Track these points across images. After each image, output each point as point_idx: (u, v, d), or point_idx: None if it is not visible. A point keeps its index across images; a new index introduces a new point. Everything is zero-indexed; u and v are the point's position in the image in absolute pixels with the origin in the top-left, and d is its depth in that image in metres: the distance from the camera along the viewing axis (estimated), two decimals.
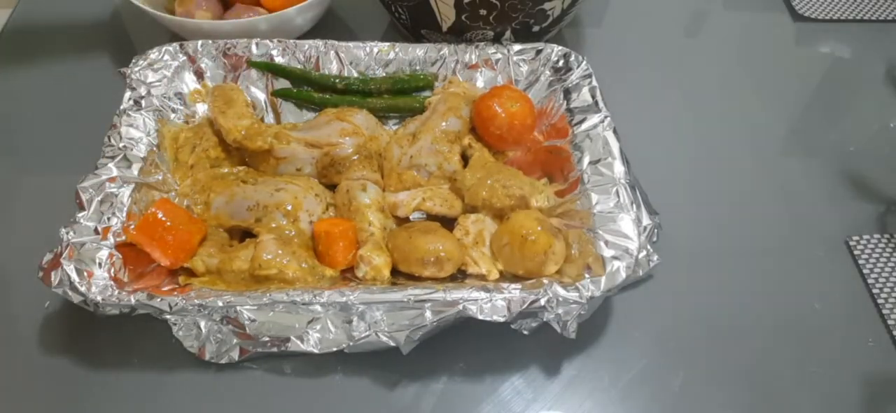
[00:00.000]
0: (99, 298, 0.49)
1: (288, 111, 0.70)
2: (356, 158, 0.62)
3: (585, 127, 0.62)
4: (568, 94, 0.66)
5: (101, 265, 0.51)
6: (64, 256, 0.50)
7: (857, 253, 0.62)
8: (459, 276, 0.57)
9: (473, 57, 0.71)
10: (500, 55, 0.71)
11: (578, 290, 0.50)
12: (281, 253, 0.54)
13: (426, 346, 0.51)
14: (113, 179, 0.56)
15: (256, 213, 0.58)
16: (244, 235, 0.59)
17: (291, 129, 0.65)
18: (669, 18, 0.88)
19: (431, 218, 0.61)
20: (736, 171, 0.70)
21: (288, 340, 0.51)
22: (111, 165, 0.57)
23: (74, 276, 0.49)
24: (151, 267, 0.55)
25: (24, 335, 0.54)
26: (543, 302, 0.50)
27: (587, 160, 0.59)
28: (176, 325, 0.51)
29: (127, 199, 0.56)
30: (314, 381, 0.53)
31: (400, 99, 0.70)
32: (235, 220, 0.58)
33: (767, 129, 0.75)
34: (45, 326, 0.55)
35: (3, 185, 0.65)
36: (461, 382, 0.53)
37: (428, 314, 0.50)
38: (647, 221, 0.58)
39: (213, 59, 0.69)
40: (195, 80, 0.68)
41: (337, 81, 0.70)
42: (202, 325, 0.51)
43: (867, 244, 0.63)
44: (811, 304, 0.59)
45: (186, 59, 0.68)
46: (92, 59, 0.77)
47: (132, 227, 0.54)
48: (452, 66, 0.71)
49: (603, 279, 0.51)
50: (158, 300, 0.49)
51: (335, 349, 0.51)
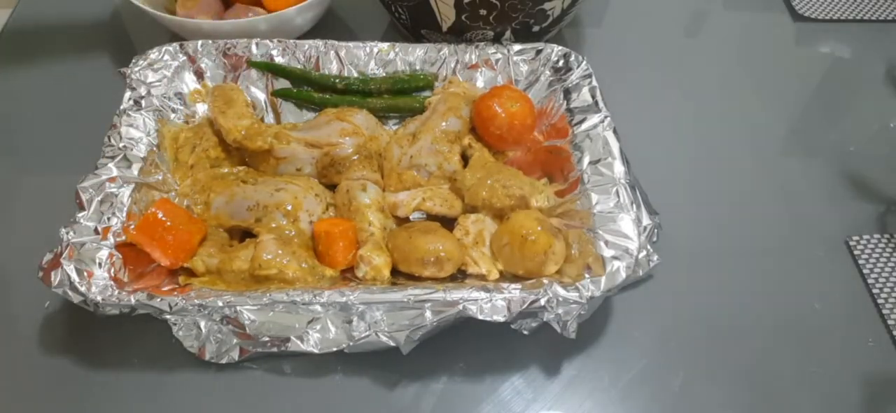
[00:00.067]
0: (99, 298, 0.49)
1: (288, 111, 0.70)
2: (356, 158, 0.62)
3: (585, 127, 0.62)
4: (568, 94, 0.66)
5: (101, 265, 0.51)
6: (64, 256, 0.50)
7: (857, 253, 0.62)
8: (459, 276, 0.57)
9: (473, 57, 0.71)
10: (500, 55, 0.71)
11: (578, 290, 0.50)
12: (281, 253, 0.54)
13: (426, 346, 0.51)
14: (113, 179, 0.56)
15: (256, 213, 0.58)
16: (244, 235, 0.59)
17: (291, 129, 0.65)
18: (669, 18, 0.88)
19: (431, 218, 0.61)
20: (736, 171, 0.70)
21: (288, 340, 0.51)
22: (111, 165, 0.57)
23: (74, 276, 0.49)
24: (151, 267, 0.55)
25: (24, 335, 0.54)
26: (543, 302, 0.50)
27: (587, 160, 0.59)
28: (176, 325, 0.51)
29: (127, 199, 0.56)
30: (314, 381, 0.53)
31: (400, 99, 0.70)
32: (235, 220, 0.58)
33: (767, 129, 0.75)
34: (45, 326, 0.55)
35: (3, 185, 0.65)
36: (461, 382, 0.53)
37: (428, 314, 0.50)
38: (647, 221, 0.58)
39: (213, 59, 0.69)
40: (195, 80, 0.68)
41: (337, 81, 0.70)
42: (202, 325, 0.51)
43: (867, 244, 0.63)
44: (811, 304, 0.59)
45: (186, 59, 0.68)
46: (92, 59, 0.77)
47: (132, 227, 0.54)
48: (452, 66, 0.71)
49: (603, 279, 0.51)
50: (158, 300, 0.49)
51: (335, 349, 0.51)
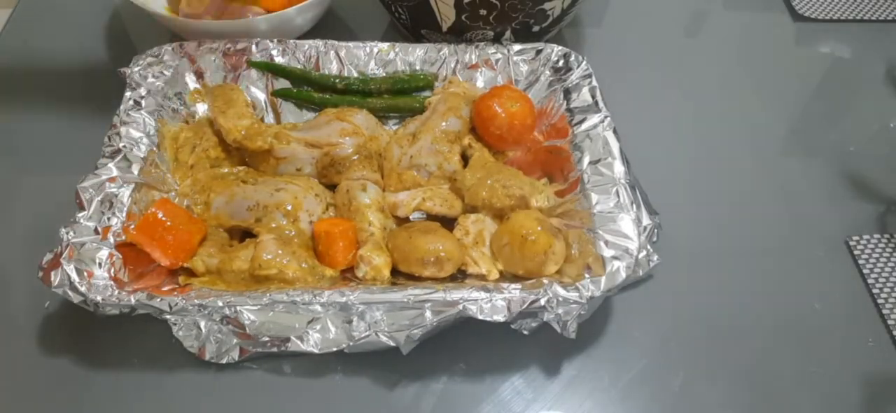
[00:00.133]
0: (99, 298, 0.49)
1: (288, 111, 0.70)
2: (356, 158, 0.62)
3: (585, 127, 0.62)
4: (568, 94, 0.66)
5: (101, 265, 0.51)
6: (64, 256, 0.50)
7: (857, 253, 0.62)
8: (459, 276, 0.57)
9: (473, 57, 0.71)
10: (500, 55, 0.71)
11: (578, 290, 0.50)
12: (281, 253, 0.54)
13: (426, 346, 0.51)
14: (113, 179, 0.56)
15: (256, 213, 0.58)
16: (244, 235, 0.59)
17: (291, 129, 0.65)
18: (669, 18, 0.88)
19: (431, 218, 0.61)
20: (736, 171, 0.70)
21: (288, 340, 0.51)
22: (111, 165, 0.57)
23: (74, 276, 0.49)
24: (151, 267, 0.55)
25: (24, 335, 0.54)
26: (543, 302, 0.50)
27: (587, 160, 0.59)
28: (176, 325, 0.51)
29: (127, 199, 0.56)
30: (314, 381, 0.53)
31: (400, 99, 0.70)
32: (235, 220, 0.58)
33: (767, 129, 0.75)
34: (45, 326, 0.55)
35: (3, 185, 0.65)
36: (461, 382, 0.53)
37: (428, 314, 0.50)
38: (647, 221, 0.58)
39: (213, 59, 0.69)
40: (195, 80, 0.68)
41: (337, 81, 0.70)
42: (202, 325, 0.51)
43: (867, 244, 0.63)
44: (811, 304, 0.59)
45: (186, 59, 0.68)
46: (92, 59, 0.77)
47: (132, 227, 0.54)
48: (452, 66, 0.71)
49: (603, 279, 0.51)
50: (158, 300, 0.49)
51: (335, 349, 0.51)
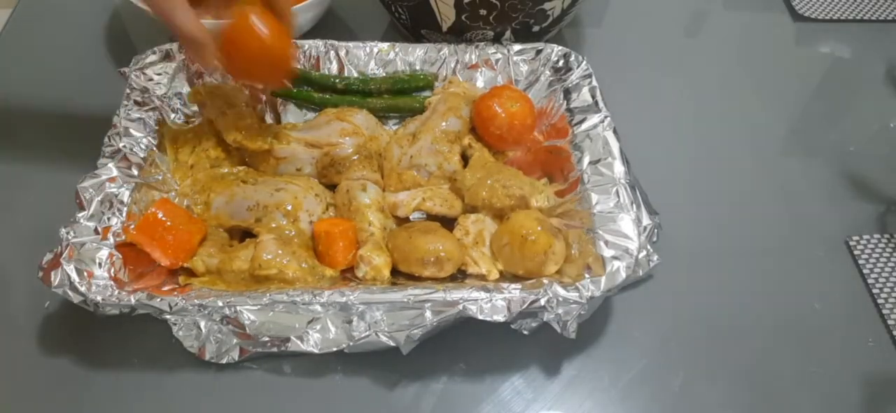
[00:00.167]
0: (99, 298, 0.49)
1: (288, 111, 0.70)
2: (356, 158, 0.62)
3: (585, 127, 0.62)
4: (568, 94, 0.66)
5: (101, 265, 0.51)
6: (64, 256, 0.50)
7: (857, 253, 0.62)
8: (459, 276, 0.57)
9: (473, 57, 0.71)
10: (500, 55, 0.71)
11: (578, 290, 0.50)
12: (281, 253, 0.54)
13: (426, 346, 0.51)
14: (113, 179, 0.56)
15: (256, 213, 0.58)
16: (244, 235, 0.59)
17: (291, 129, 0.65)
18: (669, 18, 0.88)
19: (431, 218, 0.61)
20: (736, 171, 0.70)
21: (288, 340, 0.51)
22: (111, 165, 0.57)
23: (74, 275, 0.49)
24: (151, 267, 0.55)
25: (24, 335, 0.54)
26: (543, 302, 0.50)
27: (587, 160, 0.59)
28: (176, 325, 0.51)
29: (127, 199, 0.56)
30: (314, 381, 0.53)
31: (400, 99, 0.70)
32: (235, 220, 0.58)
33: (767, 129, 0.75)
34: (45, 326, 0.55)
35: (3, 184, 0.65)
36: (461, 382, 0.53)
37: (428, 314, 0.50)
38: (647, 221, 0.58)
39: None
40: (195, 79, 0.68)
41: (337, 81, 0.70)
42: (202, 325, 0.51)
43: (867, 244, 0.63)
44: (811, 304, 0.59)
45: (186, 58, 0.68)
46: (92, 59, 0.77)
47: (132, 227, 0.54)
48: (452, 66, 0.71)
49: (603, 279, 0.51)
50: (158, 300, 0.49)
51: (335, 349, 0.51)
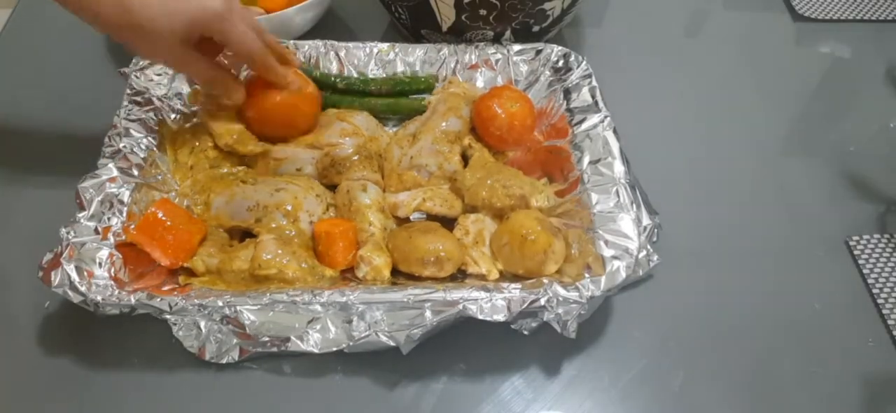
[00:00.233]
0: (99, 298, 0.49)
1: None
2: (357, 158, 0.62)
3: (585, 127, 0.62)
4: (568, 94, 0.66)
5: (101, 265, 0.51)
6: (64, 256, 0.50)
7: (857, 253, 0.62)
8: (459, 275, 0.57)
9: (473, 57, 0.71)
10: (499, 55, 0.71)
11: (578, 289, 0.50)
12: (280, 253, 0.54)
13: (426, 346, 0.51)
14: (113, 179, 0.56)
15: (256, 213, 0.57)
16: (244, 235, 0.59)
17: None
18: (669, 18, 0.88)
19: (432, 218, 0.61)
20: (736, 171, 0.70)
21: (288, 340, 0.51)
22: (111, 165, 0.57)
23: (74, 275, 0.49)
24: (151, 267, 0.55)
25: (24, 335, 0.54)
26: (543, 301, 0.50)
27: (587, 160, 0.59)
28: (176, 325, 0.51)
29: (127, 199, 0.56)
30: (314, 381, 0.53)
31: (401, 100, 0.70)
32: (235, 220, 0.58)
33: (767, 129, 0.75)
34: (45, 326, 0.55)
35: (3, 184, 0.65)
36: (461, 382, 0.53)
37: (428, 314, 0.50)
38: (647, 221, 0.58)
39: None
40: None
41: (338, 81, 0.70)
42: (202, 325, 0.51)
43: (867, 244, 0.63)
44: (811, 304, 0.59)
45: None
46: (92, 59, 0.77)
47: (132, 227, 0.54)
48: (452, 66, 0.71)
49: (603, 279, 0.51)
50: (158, 300, 0.49)
51: (335, 349, 0.51)
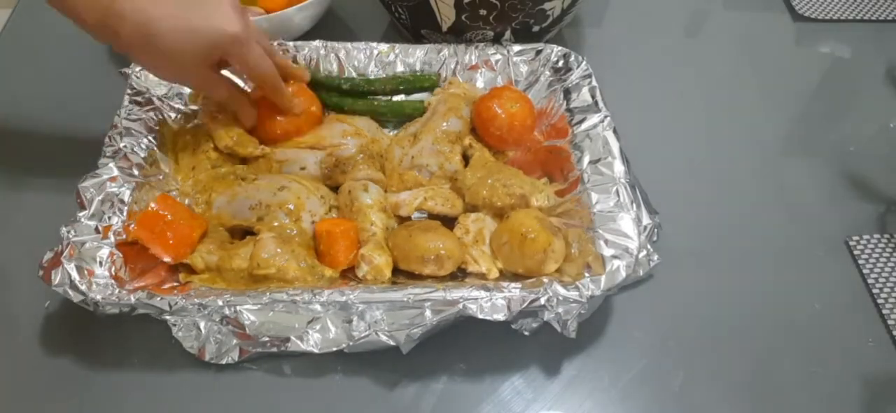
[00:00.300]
0: (99, 298, 0.49)
1: None
2: (360, 158, 0.62)
3: (585, 127, 0.62)
4: (568, 94, 0.66)
5: (101, 264, 0.51)
6: (64, 255, 0.50)
7: (857, 253, 0.62)
8: (459, 274, 0.57)
9: (473, 58, 0.71)
10: (499, 56, 0.71)
11: (578, 289, 0.50)
12: (280, 252, 0.54)
13: (426, 345, 0.51)
14: (114, 179, 0.56)
15: (259, 211, 0.57)
16: (245, 234, 0.59)
17: None
18: (669, 18, 0.88)
19: (433, 217, 0.61)
20: (736, 170, 0.70)
21: (288, 340, 0.51)
22: (112, 165, 0.57)
23: (75, 274, 0.49)
24: (152, 266, 0.55)
25: (24, 335, 0.54)
26: (543, 301, 0.50)
27: (587, 160, 0.59)
28: (175, 325, 0.50)
29: (128, 198, 0.56)
30: (314, 381, 0.53)
31: (402, 101, 0.70)
32: (237, 219, 0.58)
33: (767, 128, 0.75)
34: (45, 326, 0.55)
35: (3, 184, 0.65)
36: (461, 382, 0.53)
37: (428, 313, 0.50)
38: (647, 221, 0.58)
39: None
40: None
41: (341, 82, 0.70)
42: (202, 325, 0.51)
43: (867, 244, 0.63)
44: (811, 304, 0.59)
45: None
46: (92, 59, 0.77)
47: (133, 226, 0.54)
48: (452, 66, 0.71)
49: (603, 278, 0.51)
50: (158, 299, 0.49)
51: (335, 349, 0.51)
